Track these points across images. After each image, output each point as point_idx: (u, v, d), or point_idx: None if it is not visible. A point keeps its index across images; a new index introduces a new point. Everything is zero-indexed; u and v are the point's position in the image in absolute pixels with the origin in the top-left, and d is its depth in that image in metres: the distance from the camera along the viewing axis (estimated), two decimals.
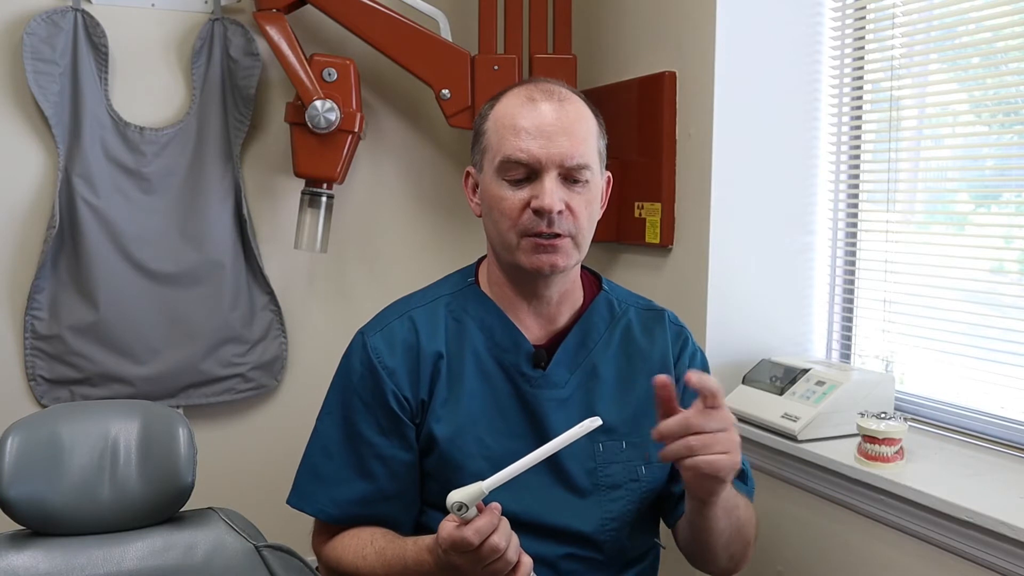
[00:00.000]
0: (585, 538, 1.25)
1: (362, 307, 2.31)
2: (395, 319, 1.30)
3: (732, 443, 1.07)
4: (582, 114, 1.23)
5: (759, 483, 1.76)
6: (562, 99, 1.22)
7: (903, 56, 1.76)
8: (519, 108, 1.21)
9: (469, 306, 1.30)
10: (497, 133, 1.22)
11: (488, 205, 1.24)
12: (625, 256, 2.20)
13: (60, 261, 2.06)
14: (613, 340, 1.32)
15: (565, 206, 1.19)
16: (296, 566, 1.28)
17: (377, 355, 1.27)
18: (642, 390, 1.30)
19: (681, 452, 1.06)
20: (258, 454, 2.28)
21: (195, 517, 1.29)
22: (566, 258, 1.21)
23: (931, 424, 1.69)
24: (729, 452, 1.06)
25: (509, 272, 1.27)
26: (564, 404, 1.27)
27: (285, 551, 1.28)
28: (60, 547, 1.20)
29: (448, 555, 1.07)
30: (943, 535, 1.38)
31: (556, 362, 1.28)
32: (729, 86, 1.85)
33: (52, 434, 1.22)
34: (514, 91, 1.25)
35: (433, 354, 1.27)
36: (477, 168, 1.28)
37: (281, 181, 2.25)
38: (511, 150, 1.19)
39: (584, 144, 1.20)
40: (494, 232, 1.24)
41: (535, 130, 1.19)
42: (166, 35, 2.14)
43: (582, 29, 2.31)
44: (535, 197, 1.18)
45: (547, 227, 1.18)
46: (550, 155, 1.18)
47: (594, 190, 1.23)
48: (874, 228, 1.85)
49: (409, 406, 1.26)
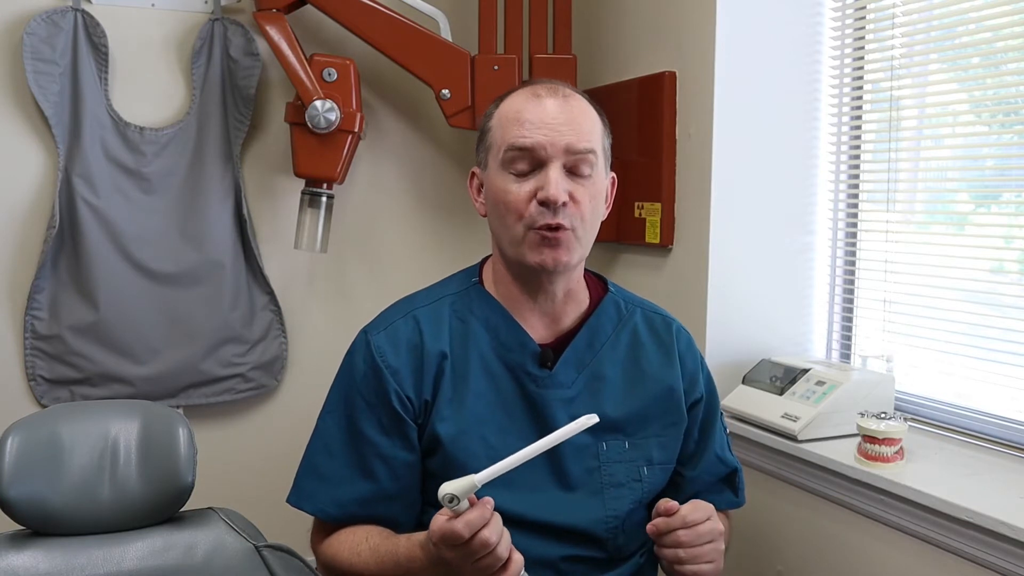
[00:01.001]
0: (587, 536, 1.26)
1: (362, 307, 2.32)
2: (399, 319, 1.30)
3: (718, 553, 1.19)
4: (586, 110, 1.24)
5: (759, 483, 1.76)
6: (566, 95, 1.23)
7: (903, 56, 1.76)
8: (524, 103, 1.22)
9: (474, 306, 1.30)
10: (502, 127, 1.23)
11: (493, 200, 1.24)
12: (625, 256, 2.20)
13: (60, 261, 2.06)
14: (620, 342, 1.32)
15: (569, 197, 1.19)
16: (296, 566, 1.28)
17: (381, 354, 1.26)
18: (647, 392, 1.31)
19: (671, 560, 1.18)
20: (258, 454, 2.28)
21: (195, 517, 1.29)
22: (568, 253, 1.22)
23: (931, 424, 1.69)
24: (714, 562, 1.19)
25: (514, 269, 1.27)
26: (570, 404, 1.27)
27: (285, 551, 1.28)
28: (60, 547, 1.20)
29: (439, 549, 1.07)
30: (943, 535, 1.38)
31: (564, 362, 1.28)
32: (729, 86, 1.85)
33: (52, 434, 1.22)
34: (519, 90, 1.27)
35: (437, 354, 1.26)
36: (482, 166, 1.28)
37: (281, 181, 2.25)
38: (515, 137, 1.20)
39: (590, 135, 1.22)
40: (500, 227, 1.24)
41: (539, 122, 1.20)
42: (166, 35, 2.14)
43: (582, 29, 2.31)
44: (540, 188, 1.19)
45: (552, 218, 1.19)
46: (554, 142, 1.19)
47: (598, 184, 1.24)
48: (874, 228, 1.85)
49: (412, 406, 1.26)
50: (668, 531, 1.16)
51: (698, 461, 1.36)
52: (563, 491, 1.26)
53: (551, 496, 1.25)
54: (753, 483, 1.76)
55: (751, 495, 1.75)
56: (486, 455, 1.22)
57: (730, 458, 1.40)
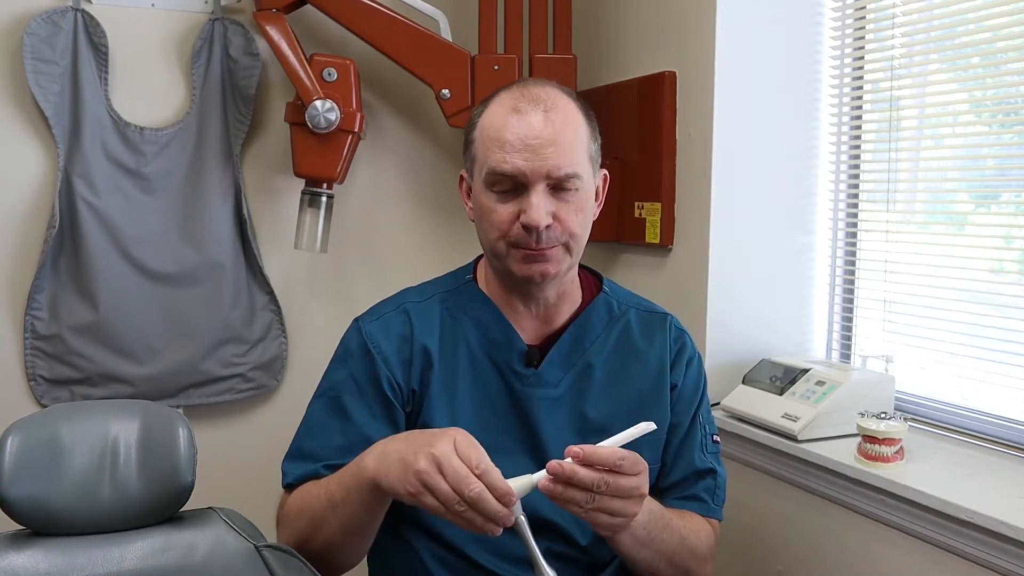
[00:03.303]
0: (566, 534, 1.25)
1: (362, 307, 2.30)
2: (391, 311, 1.32)
3: (620, 509, 1.06)
4: (569, 121, 1.20)
5: (759, 483, 1.76)
6: (548, 108, 1.19)
7: (903, 56, 1.76)
8: (504, 119, 1.19)
9: (466, 303, 1.31)
10: (483, 144, 1.21)
11: (479, 213, 1.25)
12: (625, 256, 2.20)
13: (60, 261, 2.06)
14: (609, 340, 1.32)
15: (553, 218, 1.18)
16: (296, 566, 1.28)
17: (372, 340, 1.28)
18: (637, 390, 1.31)
19: (570, 507, 1.05)
20: (258, 454, 2.27)
21: (195, 517, 1.29)
22: (557, 265, 1.21)
23: (931, 424, 1.69)
24: (623, 516, 1.07)
25: (502, 276, 1.28)
26: (556, 403, 1.27)
27: (285, 551, 1.28)
28: (60, 547, 1.19)
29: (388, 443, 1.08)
30: (943, 535, 1.38)
31: (549, 361, 1.28)
32: (729, 86, 1.85)
33: (52, 434, 1.21)
34: (501, 98, 1.23)
35: (426, 348, 1.27)
36: (469, 176, 1.28)
37: (281, 181, 2.25)
38: (496, 163, 1.18)
39: (572, 153, 1.19)
40: (485, 239, 1.25)
41: (520, 143, 1.17)
42: (166, 35, 2.14)
43: (582, 29, 2.31)
44: (523, 211, 1.17)
45: (535, 243, 1.18)
46: (535, 168, 1.17)
47: (585, 195, 1.22)
48: (874, 228, 1.85)
49: (401, 392, 1.27)
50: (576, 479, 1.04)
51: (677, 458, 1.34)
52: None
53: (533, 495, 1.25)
54: (753, 483, 1.76)
55: (751, 495, 1.76)
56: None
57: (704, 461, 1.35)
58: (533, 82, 1.25)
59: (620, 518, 1.08)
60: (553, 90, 1.23)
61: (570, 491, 1.03)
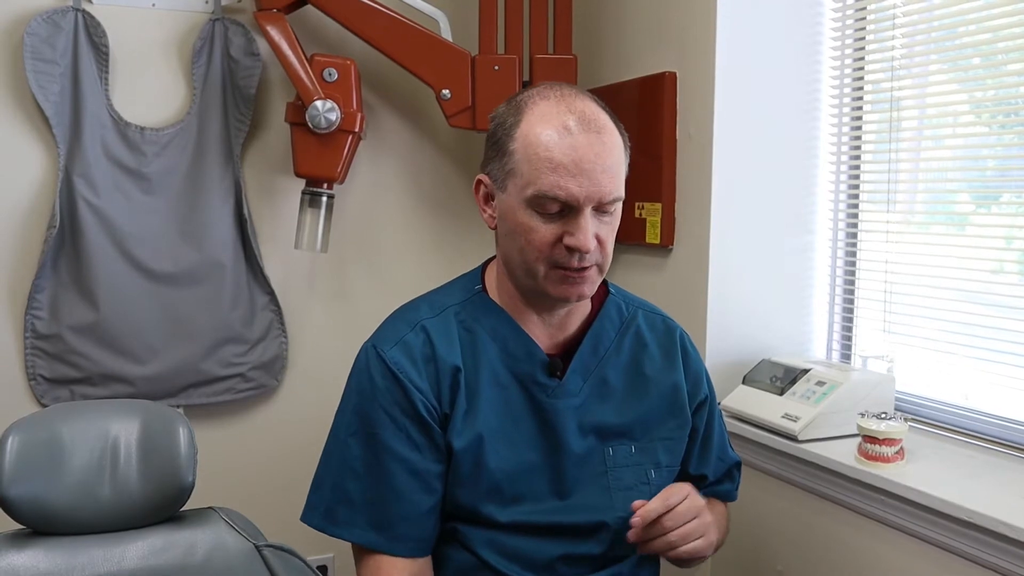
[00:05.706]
0: (590, 533, 1.25)
1: (362, 307, 2.33)
2: (408, 332, 1.25)
3: (705, 526, 1.22)
4: (616, 143, 1.18)
5: (759, 483, 1.76)
6: (599, 129, 1.15)
7: (903, 56, 1.76)
8: (554, 139, 1.13)
9: (479, 315, 1.27)
10: (529, 162, 1.15)
11: (512, 230, 1.19)
12: (625, 256, 2.20)
13: (60, 261, 2.06)
14: (624, 346, 1.32)
15: (595, 238, 1.17)
16: (296, 566, 1.28)
17: (400, 369, 1.21)
18: (652, 395, 1.31)
19: (664, 549, 1.19)
20: (258, 454, 2.28)
21: (195, 516, 1.30)
22: (592, 286, 1.22)
23: (931, 424, 1.69)
24: (704, 535, 1.21)
25: (526, 292, 1.25)
26: (578, 411, 1.26)
27: (285, 551, 1.28)
28: (60, 546, 1.20)
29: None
30: (943, 535, 1.38)
31: (572, 370, 1.27)
32: (729, 86, 1.85)
33: (52, 434, 1.22)
34: (542, 109, 1.17)
35: (452, 367, 1.23)
36: (497, 185, 1.20)
37: (281, 181, 2.25)
38: (548, 187, 1.13)
39: (618, 177, 1.17)
40: (518, 258, 1.20)
41: (574, 167, 1.12)
42: (166, 35, 2.14)
43: (582, 29, 2.31)
44: (568, 233, 1.15)
45: (578, 263, 1.17)
46: (589, 194, 1.14)
47: (619, 214, 1.22)
48: (874, 228, 1.85)
49: (437, 415, 1.22)
50: (650, 524, 1.17)
51: (702, 461, 1.37)
52: (565, 499, 1.25)
53: (552, 505, 1.25)
54: (753, 483, 1.76)
55: (751, 495, 1.76)
56: (497, 467, 1.22)
57: (731, 455, 1.43)
58: (572, 93, 1.19)
59: (702, 537, 1.21)
60: (595, 106, 1.19)
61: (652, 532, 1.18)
